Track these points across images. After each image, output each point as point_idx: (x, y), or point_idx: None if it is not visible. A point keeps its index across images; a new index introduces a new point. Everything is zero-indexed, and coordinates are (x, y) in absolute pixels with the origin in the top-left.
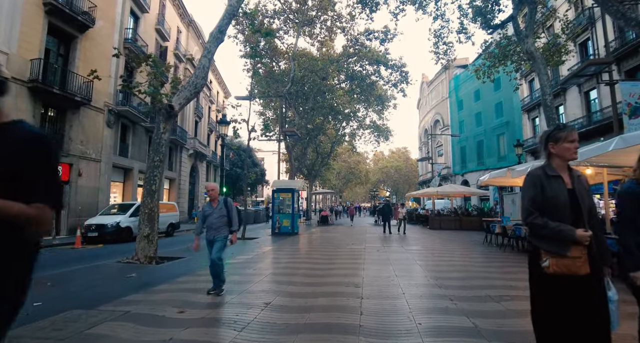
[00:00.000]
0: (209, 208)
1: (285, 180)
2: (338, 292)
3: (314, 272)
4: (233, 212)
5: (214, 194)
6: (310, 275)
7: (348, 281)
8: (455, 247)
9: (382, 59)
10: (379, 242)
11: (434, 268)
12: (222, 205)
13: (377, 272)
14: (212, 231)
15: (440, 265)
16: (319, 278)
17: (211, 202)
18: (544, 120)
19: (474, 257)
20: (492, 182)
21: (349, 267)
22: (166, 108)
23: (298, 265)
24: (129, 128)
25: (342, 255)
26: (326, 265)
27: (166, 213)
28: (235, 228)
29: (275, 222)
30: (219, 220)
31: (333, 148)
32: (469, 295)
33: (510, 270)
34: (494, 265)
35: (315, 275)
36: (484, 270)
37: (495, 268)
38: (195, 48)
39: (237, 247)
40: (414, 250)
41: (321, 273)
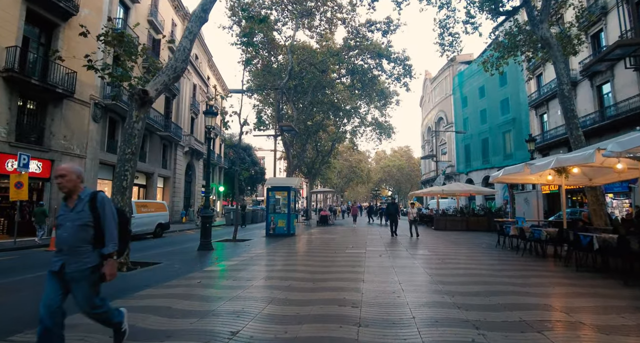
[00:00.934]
0: (63, 210)
1: (280, 177)
2: (329, 315)
3: (303, 284)
4: (107, 218)
5: (68, 184)
6: (299, 288)
7: (343, 298)
8: (467, 250)
9: (384, 52)
10: (382, 245)
11: (447, 279)
12: (84, 206)
13: (379, 285)
14: (62, 254)
15: (454, 275)
16: (309, 294)
17: (65, 201)
18: (552, 116)
19: (492, 265)
20: (506, 179)
21: (346, 278)
22: (139, 93)
23: (287, 275)
24: (118, 123)
25: (340, 261)
26: (320, 275)
27: (155, 212)
28: (110, 249)
29: (270, 222)
30: (77, 233)
31: (334, 146)
32: (498, 319)
33: (538, 282)
34: (517, 275)
35: (304, 289)
36: (508, 281)
37: (519, 280)
38: None
39: (224, 251)
40: (420, 256)
41: (312, 287)
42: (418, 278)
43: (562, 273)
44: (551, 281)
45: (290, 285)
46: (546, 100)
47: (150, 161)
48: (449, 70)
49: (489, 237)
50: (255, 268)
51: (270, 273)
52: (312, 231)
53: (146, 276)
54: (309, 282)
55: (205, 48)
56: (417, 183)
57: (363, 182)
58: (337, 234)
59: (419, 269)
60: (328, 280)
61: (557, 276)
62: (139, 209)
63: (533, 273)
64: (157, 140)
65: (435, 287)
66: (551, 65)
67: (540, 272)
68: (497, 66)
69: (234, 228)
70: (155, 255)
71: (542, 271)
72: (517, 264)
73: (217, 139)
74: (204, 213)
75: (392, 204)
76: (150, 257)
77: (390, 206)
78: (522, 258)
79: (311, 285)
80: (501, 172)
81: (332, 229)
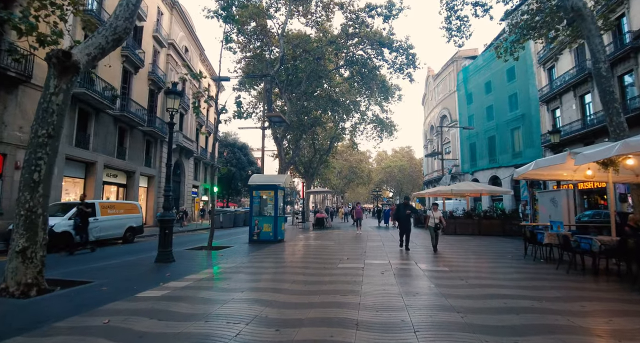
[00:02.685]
0: None
1: (266, 174)
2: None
3: (263, 333)
4: None
5: None
6: (257, 340)
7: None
8: (491, 264)
9: (385, 40)
10: (384, 255)
11: (481, 318)
12: None
13: (381, 332)
14: None
15: (490, 310)
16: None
17: None
18: (566, 111)
19: (536, 290)
20: (534, 175)
21: (331, 319)
22: (58, 56)
23: (246, 311)
24: (90, 115)
25: (328, 283)
26: (295, 310)
27: (124, 214)
28: None
29: (253, 226)
30: None
31: (332, 144)
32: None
33: (620, 326)
34: (581, 309)
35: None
36: (576, 323)
37: (589, 318)
38: (181, 34)
39: (188, 263)
40: (436, 274)
41: (276, 340)
42: (438, 315)
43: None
44: (633, 321)
45: (240, 334)
46: (559, 94)
47: (131, 158)
48: (453, 66)
49: (508, 243)
50: (206, 297)
51: (222, 307)
52: (304, 236)
53: (55, 304)
54: (272, 328)
55: (197, 42)
56: (419, 185)
57: (364, 183)
58: (332, 240)
59: (436, 299)
60: (303, 323)
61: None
62: (104, 211)
63: (603, 306)
64: (139, 135)
65: (468, 337)
66: (563, 56)
67: (610, 303)
68: (512, 51)
69: (210, 233)
70: (96, 270)
71: (609, 300)
72: (570, 287)
73: (210, 137)
74: (163, 216)
75: (405, 206)
76: (89, 272)
77: (402, 208)
78: (571, 278)
79: (277, 337)
80: (531, 165)
81: (328, 234)
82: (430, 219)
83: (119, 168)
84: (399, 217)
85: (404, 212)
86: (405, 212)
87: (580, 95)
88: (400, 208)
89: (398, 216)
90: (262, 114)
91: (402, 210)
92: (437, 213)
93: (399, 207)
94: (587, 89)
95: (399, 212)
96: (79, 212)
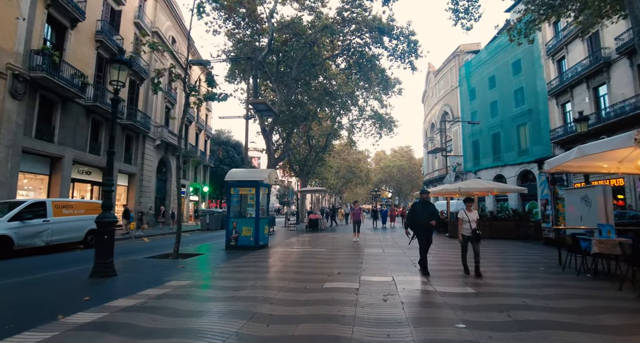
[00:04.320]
0: None
1: (246, 169)
2: None
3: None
4: None
5: None
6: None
7: None
8: (526, 280)
9: (385, 26)
10: (386, 268)
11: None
12: None
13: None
14: None
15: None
16: None
17: None
18: (578, 104)
19: (626, 333)
20: (571, 167)
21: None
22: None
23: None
24: (55, 104)
25: (304, 319)
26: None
27: (85, 215)
28: None
29: (230, 230)
30: None
31: (329, 141)
32: None
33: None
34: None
35: None
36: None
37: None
38: (167, 23)
39: (133, 278)
40: (458, 298)
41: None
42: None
43: None
44: None
45: None
46: (570, 87)
47: None
48: (455, 61)
49: (529, 249)
50: (128, 332)
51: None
52: (293, 241)
53: None
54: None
55: (185, 33)
56: (418, 185)
57: (362, 183)
58: (323, 246)
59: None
60: None
61: None
62: (57, 211)
63: None
64: (118, 130)
65: None
66: (574, 45)
67: None
68: (527, 33)
69: (176, 238)
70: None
71: None
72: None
73: (201, 133)
74: (101, 218)
75: (423, 204)
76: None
77: (419, 208)
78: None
79: None
80: (571, 154)
81: (321, 238)
82: (464, 224)
83: (92, 164)
84: (415, 222)
85: (424, 214)
86: (425, 214)
87: (594, 87)
88: (417, 209)
89: (414, 221)
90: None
91: (421, 211)
92: (473, 214)
93: (414, 208)
94: (602, 80)
95: (416, 214)
96: None
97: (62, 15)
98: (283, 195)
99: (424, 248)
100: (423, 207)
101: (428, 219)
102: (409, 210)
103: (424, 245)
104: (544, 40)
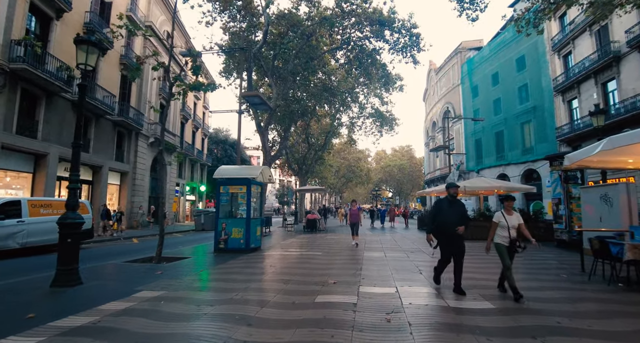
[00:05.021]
0: None
1: (237, 166)
2: None
3: None
4: None
5: None
6: None
7: None
8: (550, 291)
9: (386, 19)
10: (388, 276)
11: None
12: None
13: None
14: None
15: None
16: None
17: None
18: (586, 100)
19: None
20: (592, 162)
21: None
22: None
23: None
24: (39, 98)
25: (290, 342)
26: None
27: None
28: None
29: (219, 231)
30: None
31: (328, 140)
32: None
33: None
34: None
35: None
36: None
37: None
38: (162, 17)
39: (100, 287)
40: (477, 316)
41: None
42: None
43: None
44: None
45: None
46: (577, 83)
47: (97, 151)
48: (457, 58)
49: (544, 252)
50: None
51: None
52: (289, 242)
53: None
54: None
55: (182, 29)
56: (419, 184)
57: (362, 183)
58: (321, 249)
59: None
60: None
61: None
62: (34, 210)
63: None
64: (109, 126)
65: None
66: (582, 40)
67: None
68: (536, 23)
69: (159, 241)
70: None
71: None
72: None
73: (198, 131)
74: (63, 219)
75: (451, 202)
76: None
77: (446, 206)
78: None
79: None
80: (598, 146)
81: (319, 239)
82: (501, 231)
83: (81, 162)
84: (439, 226)
85: (451, 216)
86: (453, 216)
87: (603, 83)
88: (442, 208)
89: (437, 224)
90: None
91: (447, 210)
92: (514, 217)
93: (438, 207)
94: (612, 74)
95: (441, 215)
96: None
97: (46, 4)
98: (283, 195)
99: (448, 256)
100: (450, 205)
101: (457, 223)
102: (432, 210)
103: (446, 256)
104: (550, 35)
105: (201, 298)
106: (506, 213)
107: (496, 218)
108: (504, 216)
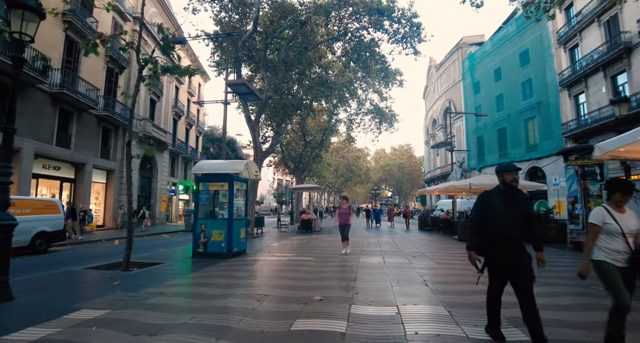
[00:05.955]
0: None
1: (219, 161)
2: None
3: None
4: None
5: None
6: None
7: None
8: (584, 312)
9: (385, 8)
10: (387, 288)
11: None
12: None
13: None
14: None
15: None
16: None
17: None
18: (594, 95)
19: None
20: (625, 151)
21: None
22: None
23: None
24: (9, 90)
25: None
26: None
27: (32, 215)
28: None
29: (199, 234)
30: None
31: (326, 137)
32: None
33: None
34: None
35: None
36: None
37: None
38: (152, 9)
39: (31, 305)
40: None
41: None
42: None
43: None
44: None
45: None
46: (584, 76)
47: (79, 148)
48: (457, 54)
49: (558, 256)
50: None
51: None
52: (280, 245)
53: None
54: None
55: (174, 22)
56: (419, 184)
57: (361, 182)
58: (312, 253)
59: None
60: None
61: None
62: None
63: None
64: (92, 121)
65: None
66: (589, 32)
67: None
68: (547, 7)
69: (127, 245)
70: None
71: None
72: None
73: (192, 129)
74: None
75: (509, 195)
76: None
77: (498, 202)
78: None
79: None
80: (629, 135)
81: (313, 241)
82: (605, 240)
83: (60, 158)
84: (490, 235)
85: (509, 216)
86: (512, 216)
87: (612, 76)
88: (495, 204)
89: (496, 233)
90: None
91: (505, 209)
92: (629, 216)
93: (486, 202)
94: (622, 67)
95: (496, 215)
96: None
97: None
98: (281, 195)
99: (497, 291)
100: (506, 201)
101: (518, 227)
102: (475, 208)
103: (499, 284)
104: (555, 27)
105: (145, 322)
106: (615, 209)
107: (597, 219)
108: (611, 214)
